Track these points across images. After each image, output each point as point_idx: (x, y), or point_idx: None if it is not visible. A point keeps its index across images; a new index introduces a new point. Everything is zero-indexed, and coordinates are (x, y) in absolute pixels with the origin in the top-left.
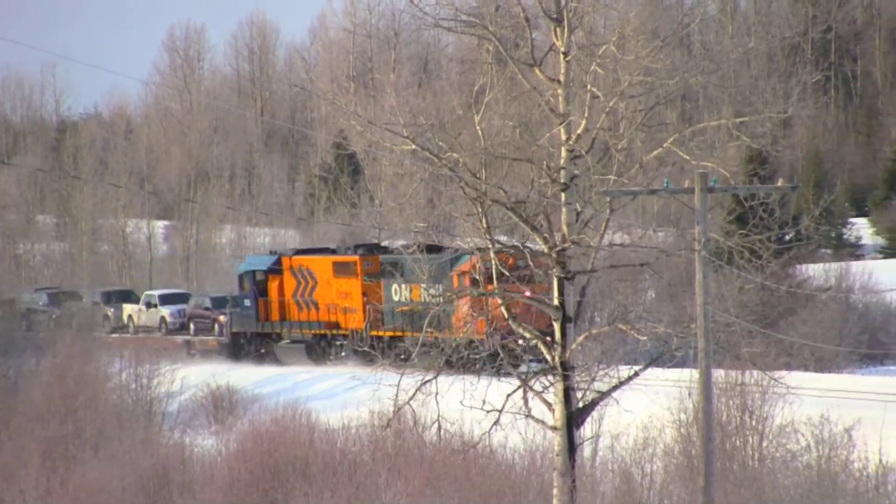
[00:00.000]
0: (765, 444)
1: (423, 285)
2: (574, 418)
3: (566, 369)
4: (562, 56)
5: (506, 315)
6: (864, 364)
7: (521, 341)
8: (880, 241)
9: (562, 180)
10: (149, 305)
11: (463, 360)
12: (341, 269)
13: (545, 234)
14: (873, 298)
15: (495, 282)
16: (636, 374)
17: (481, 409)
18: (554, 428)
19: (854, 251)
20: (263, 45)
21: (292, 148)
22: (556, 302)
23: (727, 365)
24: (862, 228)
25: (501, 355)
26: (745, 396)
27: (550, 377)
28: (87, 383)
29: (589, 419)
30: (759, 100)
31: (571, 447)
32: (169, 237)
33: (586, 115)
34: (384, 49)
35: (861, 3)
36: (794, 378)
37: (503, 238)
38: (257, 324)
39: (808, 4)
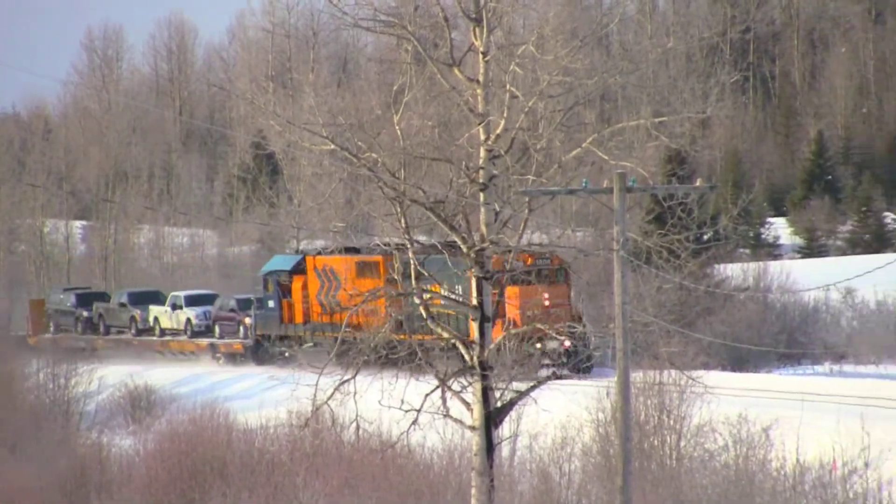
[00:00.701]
0: (683, 443)
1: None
2: (492, 418)
3: (484, 369)
4: (481, 56)
5: (424, 315)
6: (781, 364)
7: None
8: (798, 241)
9: (480, 180)
10: (174, 307)
11: (383, 360)
12: (364, 270)
13: (464, 234)
14: (791, 298)
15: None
16: (554, 374)
17: (400, 409)
18: (472, 427)
19: (772, 251)
20: (182, 45)
21: (211, 148)
22: (474, 302)
23: (646, 364)
24: (780, 228)
25: (419, 354)
26: (664, 396)
27: (469, 377)
28: (4, 384)
29: (507, 419)
30: (678, 100)
31: (489, 447)
32: (87, 237)
33: (505, 114)
34: (303, 49)
35: (779, 3)
36: (712, 378)
37: (422, 238)
38: (281, 326)
39: (727, 5)
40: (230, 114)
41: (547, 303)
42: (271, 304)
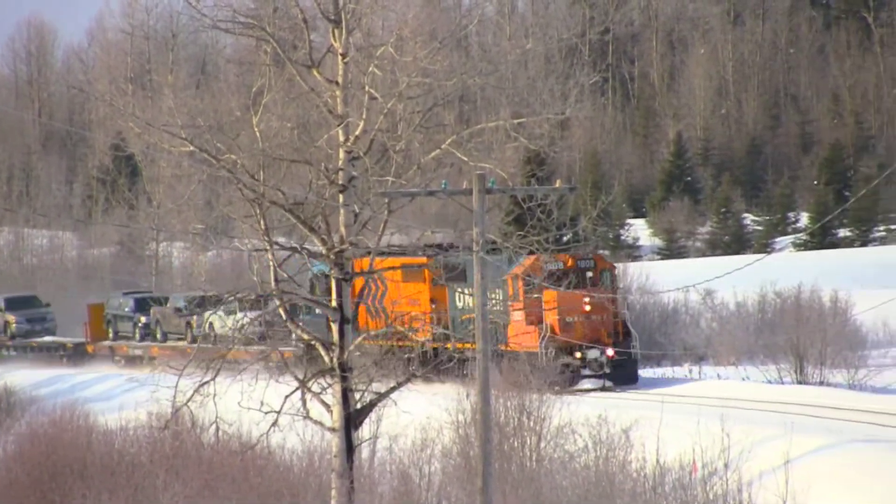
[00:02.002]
0: (543, 444)
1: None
2: (352, 419)
3: (344, 370)
4: (340, 57)
5: (283, 316)
6: (641, 365)
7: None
8: (657, 242)
9: (340, 182)
10: (228, 312)
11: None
12: (411, 273)
13: (323, 236)
14: (650, 299)
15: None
16: (414, 374)
17: (259, 411)
18: (332, 429)
19: (631, 252)
20: (41, 47)
21: (70, 150)
22: (333, 303)
23: (507, 366)
24: (639, 230)
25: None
26: (523, 397)
27: (328, 378)
28: None
29: (367, 420)
30: (537, 101)
31: (349, 448)
32: None
33: (364, 116)
34: (162, 50)
35: (638, 4)
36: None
37: (281, 240)
38: (329, 333)
39: (586, 6)
40: (89, 116)
41: (588, 308)
42: (319, 309)
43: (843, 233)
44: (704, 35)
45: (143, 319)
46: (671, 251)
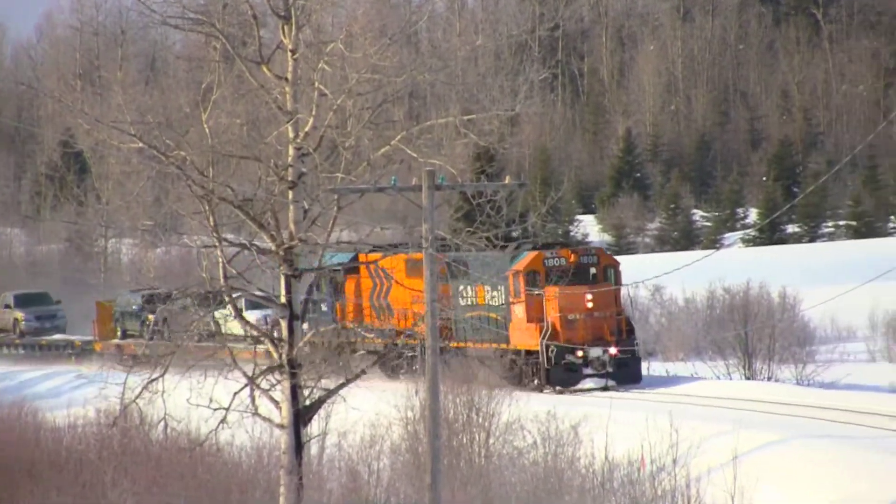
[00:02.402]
0: (492, 441)
1: (487, 286)
2: (301, 416)
3: (293, 367)
4: (289, 54)
5: (233, 313)
6: None
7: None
8: (607, 238)
9: (289, 178)
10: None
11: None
12: (414, 269)
13: (272, 232)
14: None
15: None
16: (363, 371)
17: (208, 408)
18: (281, 426)
19: (582, 247)
20: None
21: (19, 146)
22: (282, 300)
23: (455, 363)
24: (589, 226)
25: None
26: (472, 394)
27: (277, 375)
28: None
29: (316, 417)
30: (487, 97)
31: (298, 445)
32: None
33: (314, 112)
34: (111, 47)
35: (588, 1)
36: None
37: (230, 236)
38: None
39: (536, 2)
40: (38, 112)
41: (590, 304)
42: (324, 306)
43: (791, 229)
44: (654, 31)
45: (152, 317)
46: (620, 247)
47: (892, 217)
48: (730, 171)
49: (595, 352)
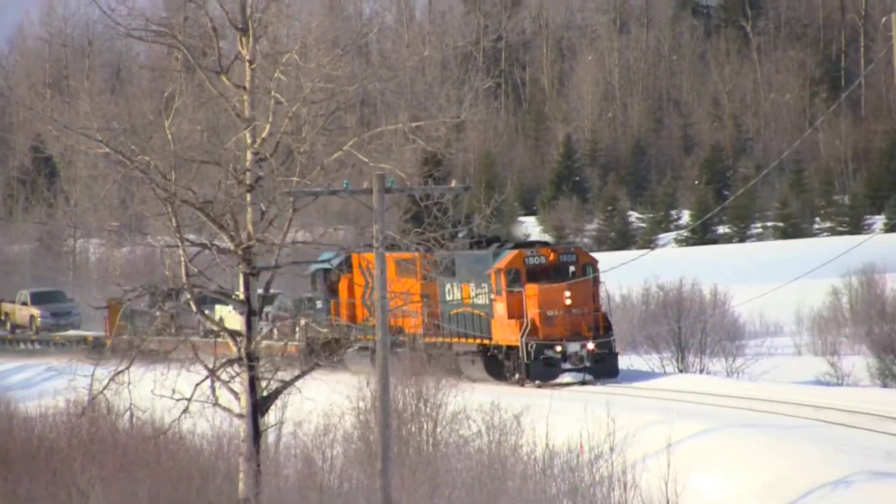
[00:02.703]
0: (439, 429)
1: (472, 285)
2: (259, 406)
3: (251, 360)
4: (247, 64)
5: (194, 308)
6: None
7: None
8: (548, 238)
9: (247, 182)
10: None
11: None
12: (404, 268)
13: (231, 233)
14: None
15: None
16: (317, 364)
17: (171, 398)
18: (240, 415)
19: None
20: None
21: None
22: (241, 296)
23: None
24: (531, 226)
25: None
26: (420, 385)
27: (237, 367)
28: None
29: (273, 407)
30: (434, 105)
31: (256, 433)
32: None
33: (270, 119)
34: (79, 57)
35: (530, 13)
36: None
37: (192, 236)
38: (328, 328)
39: (480, 15)
40: (10, 119)
41: (568, 301)
42: (319, 304)
43: (722, 230)
44: (592, 42)
45: (159, 314)
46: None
47: (817, 219)
48: (664, 175)
49: (573, 347)
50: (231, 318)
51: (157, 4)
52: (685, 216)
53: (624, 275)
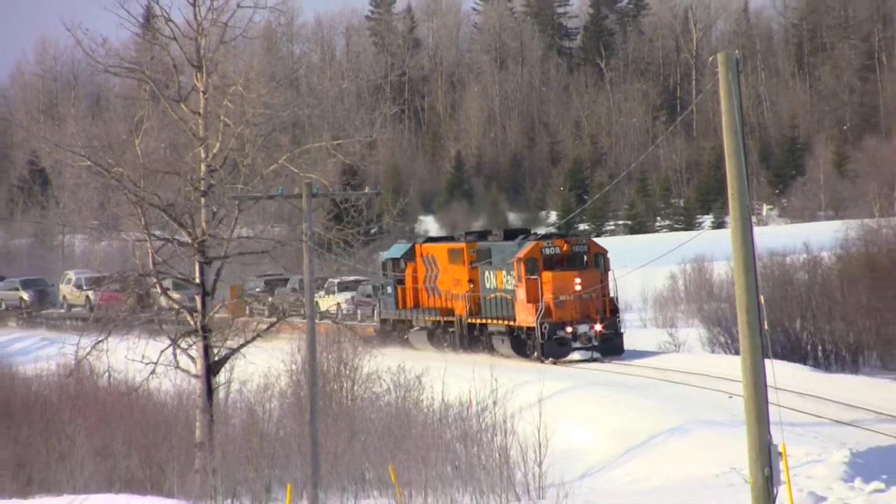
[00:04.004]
0: (356, 387)
1: (504, 272)
2: (211, 369)
3: (205, 331)
4: (201, 94)
5: (159, 290)
6: None
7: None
8: (443, 233)
9: (202, 188)
10: (327, 291)
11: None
12: (453, 257)
13: (189, 230)
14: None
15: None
16: (258, 335)
17: (141, 362)
18: (196, 376)
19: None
20: None
21: None
22: (197, 280)
23: (330, 327)
24: (429, 224)
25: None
26: (341, 351)
27: (194, 337)
28: None
29: (223, 369)
30: (351, 127)
31: (209, 391)
32: None
33: (220, 139)
34: (66, 89)
35: (427, 54)
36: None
37: (157, 232)
38: (396, 311)
39: (388, 55)
40: (11, 139)
41: (579, 287)
42: (389, 290)
43: (582, 226)
44: (477, 77)
45: (270, 298)
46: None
47: (658, 218)
48: (536, 183)
49: (582, 328)
50: (324, 301)
51: (128, 46)
52: (553, 216)
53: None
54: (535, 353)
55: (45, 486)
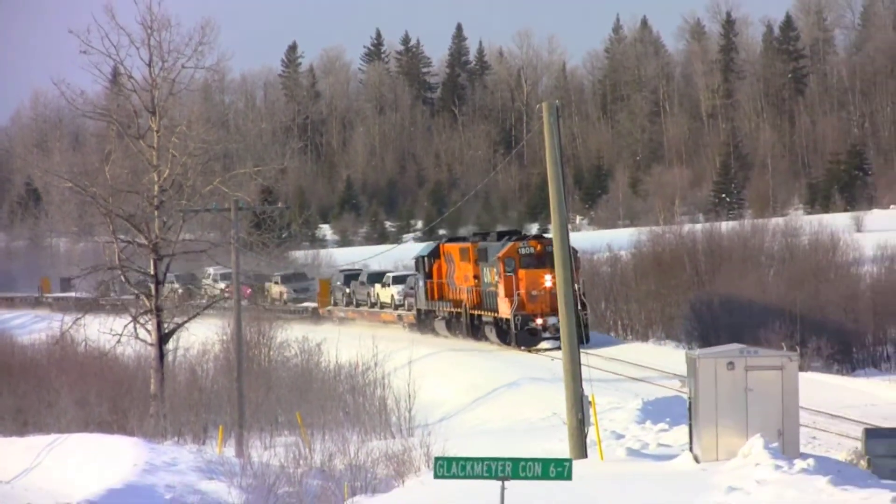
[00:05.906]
0: (271, 352)
1: (496, 269)
2: (164, 339)
3: (158, 310)
4: (155, 133)
5: (123, 279)
6: None
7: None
8: (336, 237)
9: (155, 203)
10: (384, 285)
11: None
12: (463, 255)
13: (146, 235)
14: (334, 271)
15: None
16: (198, 313)
17: (109, 334)
18: (151, 345)
19: (322, 244)
20: None
21: (1, 185)
22: (152, 272)
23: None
24: (326, 230)
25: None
26: (261, 324)
27: (150, 315)
28: None
29: (173, 339)
30: (268, 157)
31: (161, 355)
32: None
33: (169, 166)
34: (53, 128)
35: (325, 102)
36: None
37: (122, 236)
38: (426, 302)
39: (295, 103)
40: (11, 166)
41: (549, 284)
42: (420, 283)
43: (442, 231)
44: (363, 120)
45: (347, 290)
46: (344, 243)
47: (498, 225)
48: (407, 199)
49: (551, 320)
50: (384, 292)
51: (100, 96)
52: (419, 223)
53: (383, 260)
54: (511, 342)
55: (38, 427)
